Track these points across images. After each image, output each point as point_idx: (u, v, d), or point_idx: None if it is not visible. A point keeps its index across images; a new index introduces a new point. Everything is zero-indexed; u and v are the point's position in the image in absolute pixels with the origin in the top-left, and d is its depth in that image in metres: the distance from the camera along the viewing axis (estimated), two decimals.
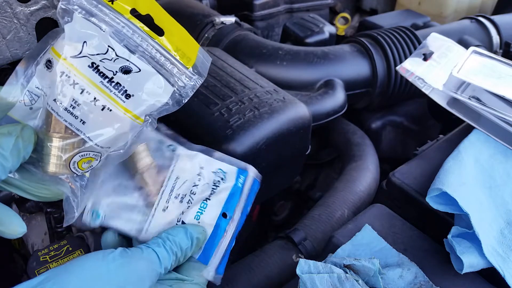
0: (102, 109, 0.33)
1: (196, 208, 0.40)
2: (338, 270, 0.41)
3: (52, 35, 0.35)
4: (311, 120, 0.66)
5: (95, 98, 0.33)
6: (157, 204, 0.40)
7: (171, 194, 0.40)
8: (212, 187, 0.41)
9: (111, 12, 0.33)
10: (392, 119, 0.97)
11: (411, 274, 0.44)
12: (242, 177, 0.43)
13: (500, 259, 0.44)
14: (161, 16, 0.36)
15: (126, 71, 0.33)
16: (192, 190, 0.41)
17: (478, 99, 0.59)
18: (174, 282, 0.38)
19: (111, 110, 0.33)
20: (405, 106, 0.98)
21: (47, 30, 0.40)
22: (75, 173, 0.35)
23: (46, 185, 0.36)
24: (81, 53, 0.32)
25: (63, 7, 0.33)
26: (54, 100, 0.33)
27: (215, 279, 0.40)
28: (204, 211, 0.40)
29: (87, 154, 0.35)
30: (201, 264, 0.40)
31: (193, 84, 0.37)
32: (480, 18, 1.02)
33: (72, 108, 0.33)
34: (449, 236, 0.45)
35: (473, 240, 0.45)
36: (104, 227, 0.41)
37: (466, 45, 0.78)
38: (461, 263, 0.43)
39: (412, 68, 0.67)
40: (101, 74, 0.33)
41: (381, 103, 0.92)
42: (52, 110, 0.33)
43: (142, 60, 0.34)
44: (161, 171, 0.42)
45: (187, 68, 0.36)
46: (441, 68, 0.67)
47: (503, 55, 0.96)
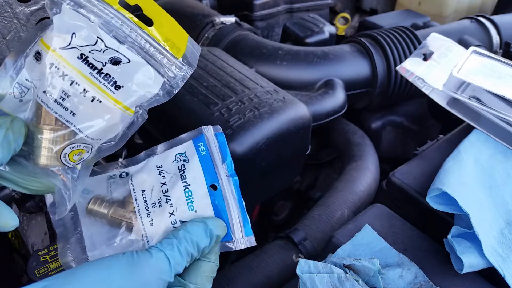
0: (92, 101, 0.33)
1: (184, 201, 0.38)
2: (338, 270, 0.41)
3: (41, 27, 0.35)
4: (311, 120, 0.66)
5: (85, 90, 0.33)
6: (142, 224, 0.38)
7: (147, 207, 0.39)
8: (180, 174, 0.40)
9: (100, 3, 0.33)
10: (392, 119, 0.97)
11: (411, 274, 0.44)
12: (201, 144, 0.41)
13: (500, 259, 0.44)
14: (150, 7, 0.36)
15: (116, 62, 0.33)
16: (163, 189, 0.39)
17: (478, 99, 0.59)
18: None
19: (101, 102, 0.33)
20: (405, 106, 0.98)
21: None
22: (66, 165, 0.35)
23: (38, 178, 0.35)
24: (70, 45, 0.32)
25: None
26: (44, 92, 0.33)
27: (249, 242, 0.39)
28: (193, 198, 0.38)
29: (78, 146, 0.35)
30: (211, 264, 0.38)
31: (184, 75, 0.37)
32: (480, 18, 1.02)
33: (62, 100, 0.33)
34: (449, 236, 0.45)
35: (473, 240, 0.45)
36: None
37: (466, 45, 0.78)
38: (461, 263, 0.43)
39: (412, 68, 0.67)
40: (90, 65, 0.33)
41: (381, 103, 0.92)
42: (42, 102, 0.33)
43: (132, 51, 0.34)
44: (128, 201, 0.41)
45: (177, 59, 0.36)
46: (441, 68, 0.67)
47: (503, 55, 0.96)
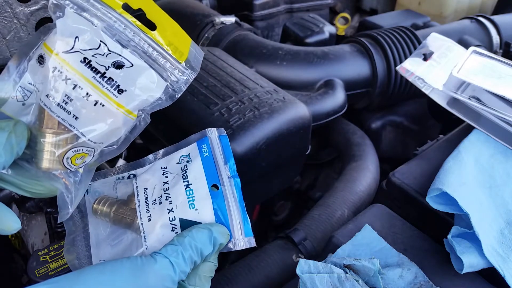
0: (95, 104, 0.33)
1: (185, 199, 0.39)
2: (338, 270, 0.41)
3: (44, 31, 0.35)
4: (311, 120, 0.66)
5: (88, 93, 0.33)
6: (141, 220, 0.38)
7: (148, 204, 0.39)
8: (182, 175, 0.40)
9: (103, 7, 0.33)
10: (392, 119, 0.97)
11: (411, 274, 0.44)
12: (204, 145, 0.42)
13: (500, 259, 0.44)
14: (153, 11, 0.36)
15: (119, 66, 0.33)
16: (164, 188, 0.40)
17: (478, 99, 0.59)
18: None
19: (104, 105, 0.33)
20: (405, 106, 0.98)
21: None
22: (69, 169, 0.35)
23: (40, 181, 0.35)
24: (73, 48, 0.32)
25: (55, 2, 0.32)
26: (47, 96, 0.33)
27: (249, 243, 0.39)
28: (194, 197, 0.39)
29: (80, 150, 0.35)
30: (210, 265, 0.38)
31: (186, 79, 0.37)
32: (480, 18, 1.02)
33: (65, 104, 0.33)
34: (449, 236, 0.45)
35: (473, 240, 0.45)
36: None
37: (466, 45, 0.78)
38: (461, 263, 0.43)
39: (412, 68, 0.67)
40: (93, 69, 0.33)
41: (381, 103, 0.92)
42: (45, 106, 0.33)
43: (135, 55, 0.34)
44: (131, 199, 0.41)
45: (180, 63, 0.36)
46: (441, 68, 0.67)
47: (503, 55, 0.96)
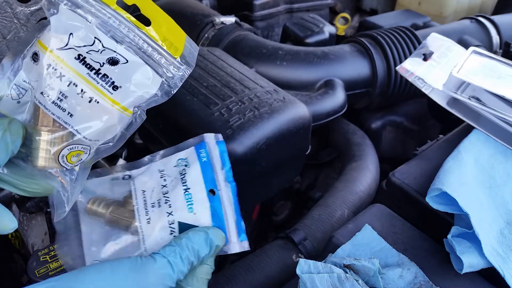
0: (90, 101, 0.33)
1: (184, 203, 0.39)
2: (338, 270, 0.41)
3: (39, 28, 0.35)
4: (311, 120, 0.66)
5: (82, 90, 0.33)
6: (140, 222, 0.39)
7: (146, 206, 0.39)
8: (181, 178, 0.40)
9: (97, 3, 0.33)
10: (392, 119, 0.97)
11: (411, 274, 0.44)
12: (203, 151, 0.42)
13: (500, 259, 0.44)
14: (148, 6, 0.36)
15: (113, 62, 0.33)
16: (163, 191, 0.40)
17: (478, 99, 0.59)
18: None
19: (99, 102, 0.33)
20: (405, 106, 0.98)
21: None
22: (65, 167, 0.35)
23: (36, 180, 0.35)
24: (68, 45, 0.32)
25: None
26: (42, 93, 0.33)
27: (243, 247, 0.40)
28: (193, 201, 0.39)
29: (76, 147, 0.34)
30: (207, 267, 0.38)
31: (182, 75, 0.36)
32: (480, 18, 1.02)
33: (60, 101, 0.32)
34: (449, 236, 0.45)
35: (473, 240, 0.45)
36: None
37: (466, 45, 0.78)
38: (461, 263, 0.43)
39: (412, 68, 0.67)
40: (88, 66, 0.33)
41: (381, 103, 0.92)
42: (40, 104, 0.33)
43: (129, 51, 0.34)
44: (127, 201, 0.41)
45: (175, 58, 0.36)
46: (441, 68, 0.67)
47: (503, 55, 0.96)
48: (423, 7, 1.26)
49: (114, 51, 0.33)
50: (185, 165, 0.42)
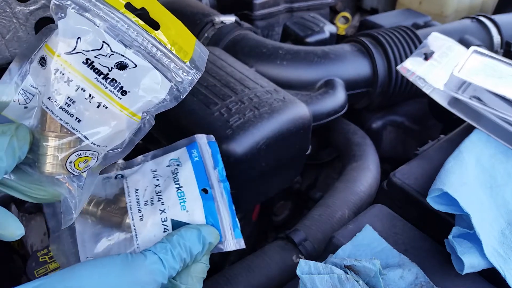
0: (98, 107, 0.32)
1: (176, 201, 0.39)
2: (339, 271, 0.41)
3: (46, 32, 0.34)
4: (311, 120, 0.66)
5: (91, 95, 0.32)
6: (133, 218, 0.39)
7: (139, 204, 0.39)
8: (173, 178, 0.40)
9: (105, 7, 0.32)
10: (393, 119, 0.96)
11: (412, 275, 0.43)
12: (194, 151, 0.43)
13: (501, 260, 0.44)
14: (157, 10, 0.35)
15: (122, 67, 0.33)
16: (156, 190, 0.40)
17: (479, 99, 0.58)
18: None
19: (107, 108, 0.33)
20: (406, 106, 0.97)
21: None
22: (72, 173, 0.35)
23: (43, 186, 0.35)
24: (75, 49, 0.32)
25: (57, 3, 0.32)
26: (49, 98, 0.32)
27: (239, 245, 0.39)
28: (186, 199, 0.39)
29: (84, 154, 0.34)
30: (202, 265, 0.39)
31: (191, 79, 0.36)
32: (481, 18, 1.01)
33: (67, 106, 0.32)
34: (450, 237, 0.45)
35: (474, 241, 0.44)
36: None
37: (467, 45, 0.78)
38: (462, 264, 0.43)
39: (413, 68, 0.66)
40: (96, 71, 0.32)
41: (382, 103, 0.92)
42: (47, 109, 0.32)
43: (138, 55, 0.33)
44: (119, 198, 0.41)
45: (185, 63, 0.35)
46: (442, 68, 0.67)
47: (504, 55, 0.96)
48: (424, 7, 1.26)
49: (123, 56, 0.33)
50: (177, 165, 0.42)
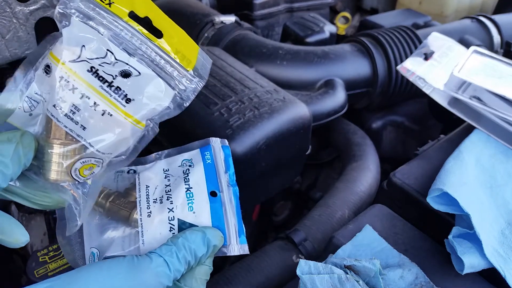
0: (103, 114, 0.33)
1: (184, 201, 0.39)
2: (339, 271, 0.41)
3: (50, 40, 0.35)
4: (311, 120, 0.66)
5: (95, 103, 0.32)
6: (141, 214, 0.39)
7: (149, 200, 0.40)
8: (184, 178, 0.41)
9: (109, 15, 0.33)
10: (393, 119, 0.96)
11: (412, 275, 0.43)
12: (207, 153, 0.43)
13: (501, 260, 0.44)
14: (160, 18, 0.36)
15: (126, 75, 0.33)
16: (166, 190, 0.40)
17: (479, 99, 0.58)
18: None
19: (112, 115, 0.33)
20: (406, 106, 0.97)
21: (47, 30, 0.40)
22: (77, 180, 0.35)
23: (48, 193, 0.35)
24: (80, 57, 0.32)
25: (61, 11, 0.32)
26: (54, 106, 0.32)
27: (243, 250, 0.39)
28: (194, 200, 0.39)
29: (89, 161, 0.34)
30: (206, 268, 0.38)
31: (194, 87, 0.36)
32: (481, 18, 1.01)
33: (72, 114, 0.32)
34: (450, 237, 0.45)
35: (474, 241, 0.44)
36: None
37: (467, 45, 0.78)
38: (462, 264, 0.43)
39: (413, 68, 0.66)
40: (101, 79, 0.32)
41: (382, 103, 0.92)
42: (52, 116, 0.33)
43: (142, 64, 0.34)
44: (129, 192, 0.42)
45: (188, 71, 0.36)
46: (442, 68, 0.67)
47: (504, 55, 0.96)
48: (424, 7, 1.26)
49: (127, 64, 0.33)
50: (189, 166, 0.42)
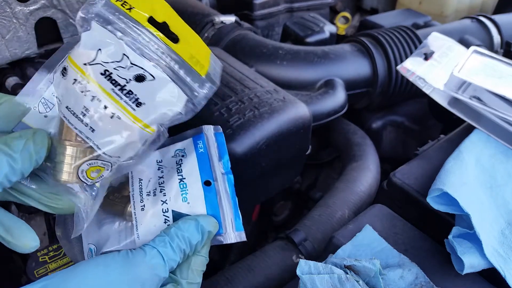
0: (111, 117, 0.33)
1: (178, 192, 0.39)
2: (339, 271, 0.41)
3: (72, 43, 0.35)
4: (311, 120, 0.66)
5: (105, 106, 0.33)
6: (134, 208, 0.39)
7: (142, 194, 0.40)
8: (177, 169, 0.41)
9: (129, 20, 0.33)
10: (393, 119, 0.96)
11: (412, 275, 0.43)
12: (200, 142, 0.43)
13: (501, 260, 0.44)
14: (177, 23, 0.36)
15: (140, 79, 0.33)
16: (160, 182, 0.40)
17: (479, 99, 0.58)
18: (171, 286, 0.36)
19: (120, 118, 0.33)
20: (406, 106, 0.97)
21: (46, 30, 0.40)
22: (85, 182, 0.35)
23: (60, 196, 0.36)
24: (95, 60, 0.33)
25: (82, 16, 0.33)
26: (67, 107, 0.33)
27: (240, 237, 0.39)
28: (187, 190, 0.39)
29: (95, 163, 0.35)
30: (202, 258, 0.39)
31: (207, 93, 0.36)
32: (481, 18, 1.01)
33: (83, 115, 0.33)
34: (450, 237, 0.45)
35: (474, 241, 0.44)
36: None
37: (467, 45, 0.78)
38: (462, 264, 0.43)
39: (413, 68, 0.66)
40: (113, 82, 0.33)
41: (382, 103, 0.92)
42: (64, 117, 0.33)
43: (157, 68, 0.34)
44: (123, 187, 0.42)
45: (201, 76, 0.36)
46: (442, 68, 0.67)
47: (504, 55, 0.96)
48: (424, 7, 1.26)
49: (142, 68, 0.33)
50: (182, 156, 0.42)
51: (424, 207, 0.51)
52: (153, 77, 0.34)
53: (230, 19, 0.90)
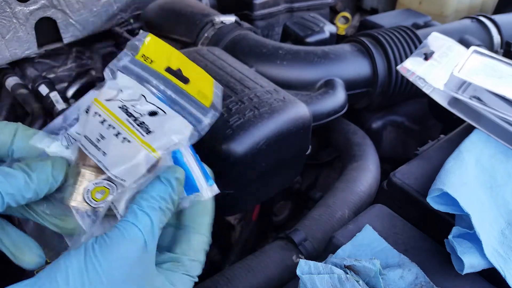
0: (122, 142, 0.36)
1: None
2: (339, 271, 0.41)
3: (99, 87, 0.40)
4: (311, 120, 0.66)
5: (118, 132, 0.36)
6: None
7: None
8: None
9: (149, 69, 0.39)
10: (393, 119, 0.96)
11: (412, 275, 0.43)
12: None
13: (501, 260, 0.44)
14: (188, 68, 0.42)
15: (153, 114, 0.38)
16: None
17: (479, 99, 0.58)
18: (170, 265, 0.36)
19: (130, 142, 0.36)
20: (406, 106, 0.97)
21: (46, 30, 0.40)
22: (89, 204, 0.37)
23: (68, 217, 0.37)
24: (116, 97, 0.37)
25: (111, 67, 0.38)
26: (85, 136, 0.37)
27: (214, 190, 0.40)
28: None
29: (101, 183, 0.37)
30: (197, 236, 0.39)
31: (210, 121, 0.40)
32: (481, 18, 1.01)
33: (97, 142, 0.36)
34: (450, 237, 0.45)
35: (474, 241, 0.44)
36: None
37: (467, 45, 0.78)
38: (462, 264, 0.43)
39: (413, 68, 0.66)
40: (129, 114, 0.37)
41: (382, 103, 0.92)
42: (81, 145, 0.37)
43: (169, 106, 0.38)
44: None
45: (206, 107, 0.40)
46: (442, 68, 0.67)
47: (504, 55, 0.96)
48: (424, 7, 1.26)
49: (155, 105, 0.38)
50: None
51: (424, 207, 0.51)
52: (165, 113, 0.38)
53: (230, 19, 0.90)
